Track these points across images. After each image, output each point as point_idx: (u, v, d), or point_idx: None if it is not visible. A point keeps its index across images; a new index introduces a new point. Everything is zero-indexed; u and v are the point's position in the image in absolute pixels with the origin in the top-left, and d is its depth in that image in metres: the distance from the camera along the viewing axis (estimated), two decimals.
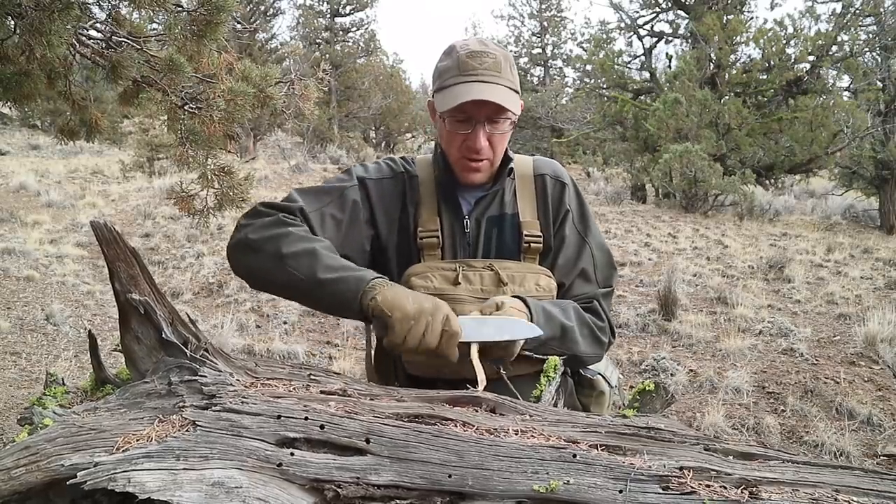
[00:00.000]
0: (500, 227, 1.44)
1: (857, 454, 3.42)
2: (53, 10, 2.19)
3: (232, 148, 3.45)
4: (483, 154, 1.36)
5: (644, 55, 17.34)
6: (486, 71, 1.32)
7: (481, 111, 1.32)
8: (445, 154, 1.43)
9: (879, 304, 5.78)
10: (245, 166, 10.92)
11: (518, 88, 1.39)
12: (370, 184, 1.44)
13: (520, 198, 1.46)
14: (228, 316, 5.59)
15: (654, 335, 5.47)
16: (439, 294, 1.32)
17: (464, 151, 1.37)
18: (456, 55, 1.35)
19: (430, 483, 0.93)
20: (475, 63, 1.33)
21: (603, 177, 18.58)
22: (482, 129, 1.33)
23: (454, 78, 1.33)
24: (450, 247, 1.42)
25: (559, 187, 1.49)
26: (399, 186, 1.45)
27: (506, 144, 1.42)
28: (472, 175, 1.40)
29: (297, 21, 23.91)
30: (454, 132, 1.36)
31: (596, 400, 1.55)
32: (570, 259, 1.46)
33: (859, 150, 12.69)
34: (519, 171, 1.48)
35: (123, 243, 1.11)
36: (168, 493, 0.86)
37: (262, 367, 1.17)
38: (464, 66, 1.33)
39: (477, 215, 1.44)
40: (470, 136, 1.34)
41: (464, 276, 1.35)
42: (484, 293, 1.35)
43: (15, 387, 4.06)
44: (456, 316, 1.23)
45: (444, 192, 1.45)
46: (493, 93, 1.30)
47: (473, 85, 1.30)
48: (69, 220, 9.19)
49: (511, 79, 1.36)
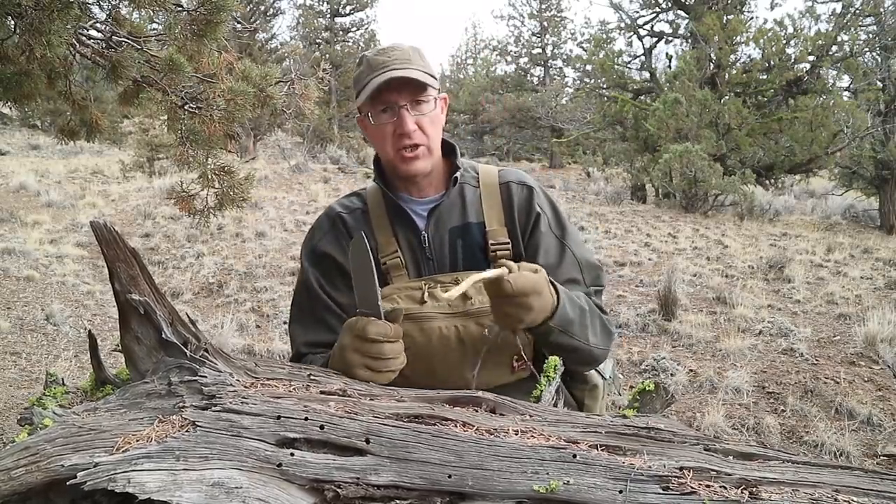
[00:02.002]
0: (464, 237, 1.42)
1: (857, 454, 3.42)
2: (53, 10, 2.19)
3: (232, 148, 3.45)
4: (415, 138, 1.35)
5: (644, 55, 17.34)
6: (395, 61, 1.35)
7: (401, 94, 1.34)
8: (383, 159, 1.44)
9: (879, 304, 5.78)
10: (245, 166, 10.92)
11: (433, 73, 1.40)
12: (317, 255, 1.45)
13: (486, 206, 1.44)
14: (228, 316, 5.59)
15: (654, 335, 5.47)
16: (407, 314, 1.29)
17: (397, 141, 1.36)
18: (366, 59, 1.39)
19: (430, 483, 0.93)
20: (383, 58, 1.36)
21: (603, 177, 18.57)
22: (406, 112, 1.34)
23: (368, 76, 1.36)
24: (413, 264, 1.41)
25: (526, 192, 1.47)
26: (340, 230, 1.45)
27: (439, 129, 1.41)
28: (411, 164, 1.38)
29: (297, 21, 23.95)
30: (381, 125, 1.37)
31: (590, 393, 1.53)
32: (552, 265, 1.41)
33: (859, 150, 12.69)
34: (484, 180, 1.48)
35: (123, 243, 1.10)
36: (168, 494, 0.86)
37: (262, 367, 1.17)
38: (374, 63, 1.36)
39: (435, 227, 1.42)
40: (397, 122, 1.35)
41: (430, 294, 1.35)
42: (451, 307, 1.34)
43: (15, 387, 4.06)
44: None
45: (393, 211, 1.44)
46: (406, 73, 1.33)
47: (385, 73, 1.33)
48: (69, 220, 9.19)
49: (422, 64, 1.38)
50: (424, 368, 1.31)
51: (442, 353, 1.33)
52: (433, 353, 1.33)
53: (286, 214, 10.00)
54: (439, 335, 1.33)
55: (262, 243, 8.29)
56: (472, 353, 1.33)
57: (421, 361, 1.31)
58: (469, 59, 35.89)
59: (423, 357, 1.32)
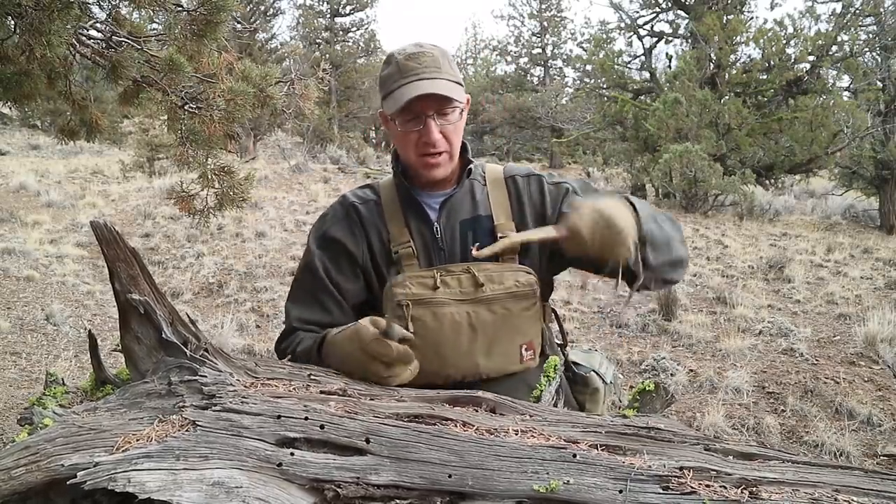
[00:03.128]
0: (474, 229, 1.44)
1: (857, 454, 3.42)
2: (53, 10, 2.19)
3: (232, 148, 3.45)
4: (439, 146, 1.38)
5: (644, 55, 17.35)
6: (425, 69, 1.36)
7: (428, 106, 1.35)
8: (404, 160, 1.46)
9: (879, 304, 5.78)
10: (245, 166, 10.92)
11: (460, 80, 1.42)
12: (327, 239, 1.47)
13: (493, 201, 1.47)
14: (228, 316, 5.59)
15: (654, 335, 5.47)
16: (419, 299, 1.34)
17: (420, 149, 1.39)
18: (395, 61, 1.39)
19: (430, 483, 0.93)
20: (414, 63, 1.36)
21: (603, 177, 18.57)
22: (433, 122, 1.36)
23: (397, 82, 1.37)
24: (424, 254, 1.43)
25: (535, 182, 1.50)
26: (353, 218, 1.47)
27: (460, 136, 1.44)
28: (433, 171, 1.41)
29: (297, 21, 23.95)
30: (407, 132, 1.39)
31: (591, 397, 1.56)
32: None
33: (859, 150, 12.68)
34: (490, 177, 1.50)
35: (123, 243, 1.10)
36: (168, 493, 0.86)
37: (262, 367, 1.17)
38: (404, 69, 1.37)
39: (447, 219, 1.45)
40: (422, 131, 1.36)
41: (442, 281, 1.37)
42: (462, 294, 1.36)
43: (15, 387, 4.06)
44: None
45: (406, 203, 1.46)
46: (436, 86, 1.34)
47: (416, 83, 1.34)
48: (69, 220, 9.19)
49: (451, 72, 1.39)
50: (434, 354, 1.33)
51: (453, 339, 1.34)
52: (444, 338, 1.34)
53: (286, 214, 9.99)
54: (451, 321, 1.34)
55: (262, 243, 8.29)
56: (482, 340, 1.35)
57: (431, 347, 1.32)
58: (469, 59, 35.89)
59: (433, 343, 1.33)
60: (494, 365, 1.35)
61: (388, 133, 1.50)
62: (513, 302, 1.36)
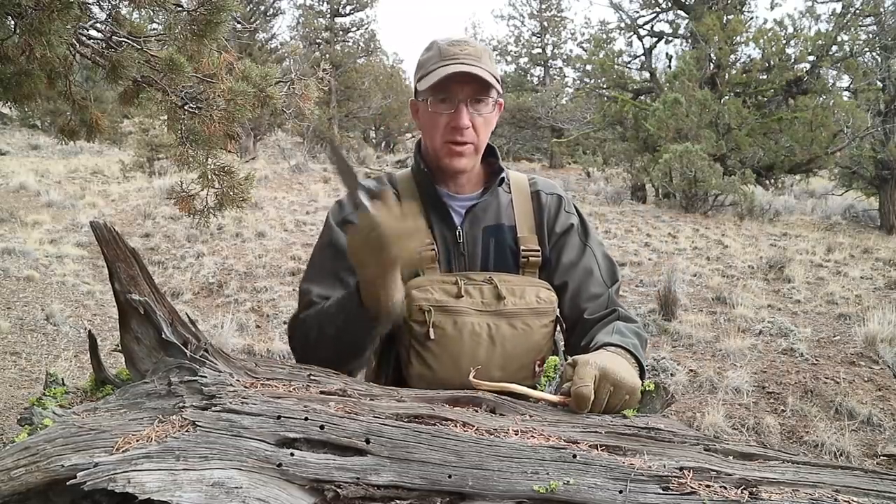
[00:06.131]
0: (497, 237, 1.44)
1: (857, 454, 3.43)
2: (53, 10, 2.19)
3: (232, 148, 3.45)
4: (467, 136, 1.36)
5: (644, 55, 17.36)
6: (467, 56, 1.35)
7: (464, 89, 1.34)
8: (428, 146, 1.44)
9: (879, 304, 5.78)
10: (245, 166, 10.92)
11: (498, 78, 1.40)
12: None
13: (518, 212, 1.46)
14: (228, 316, 5.59)
15: (654, 335, 5.47)
16: (441, 306, 1.33)
17: (448, 134, 1.36)
18: (437, 46, 1.38)
19: (430, 483, 0.93)
20: (456, 49, 1.35)
21: (603, 177, 18.58)
22: (465, 107, 1.35)
23: (436, 64, 1.35)
24: (445, 258, 1.41)
25: (556, 200, 1.50)
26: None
27: (489, 133, 1.42)
28: (457, 161, 1.39)
29: (297, 21, 23.93)
30: (437, 113, 1.36)
31: None
32: (573, 261, 1.46)
33: (859, 150, 12.69)
34: (516, 187, 1.50)
35: (123, 243, 1.10)
36: (168, 494, 0.86)
37: (262, 367, 1.17)
38: (445, 53, 1.35)
39: (470, 225, 1.43)
40: (454, 115, 1.35)
41: (465, 290, 1.35)
42: (484, 305, 1.35)
43: (15, 387, 4.06)
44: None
45: (431, 203, 1.44)
46: (475, 71, 1.33)
47: (455, 65, 1.33)
48: (69, 220, 9.19)
49: (491, 66, 1.38)
50: (451, 362, 1.32)
51: (471, 349, 1.33)
52: (462, 348, 1.33)
53: (286, 214, 9.99)
54: (471, 331, 1.33)
55: (262, 243, 8.29)
56: (500, 354, 1.34)
57: (448, 355, 1.32)
58: None
59: (451, 352, 1.32)
60: (509, 378, 1.31)
61: (417, 123, 1.47)
62: (534, 318, 1.36)
